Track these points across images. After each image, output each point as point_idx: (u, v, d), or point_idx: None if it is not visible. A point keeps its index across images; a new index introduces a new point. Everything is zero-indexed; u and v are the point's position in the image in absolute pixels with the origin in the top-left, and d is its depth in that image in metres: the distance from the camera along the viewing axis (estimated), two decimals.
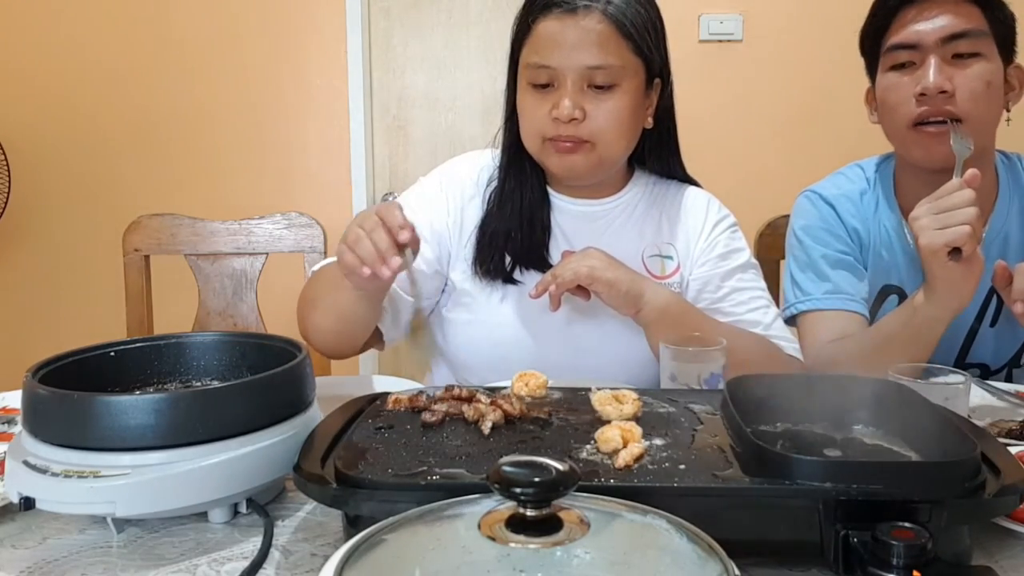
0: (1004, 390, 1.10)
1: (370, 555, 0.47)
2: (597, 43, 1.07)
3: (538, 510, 0.47)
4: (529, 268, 1.19)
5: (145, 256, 1.68)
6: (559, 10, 1.08)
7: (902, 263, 1.26)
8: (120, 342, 0.85)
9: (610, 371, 1.12)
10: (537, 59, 1.10)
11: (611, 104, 1.10)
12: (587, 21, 1.07)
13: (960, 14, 1.13)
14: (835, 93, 2.57)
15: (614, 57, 1.08)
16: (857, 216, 1.29)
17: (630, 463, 0.67)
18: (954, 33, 1.13)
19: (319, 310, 1.11)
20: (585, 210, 1.23)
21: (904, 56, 1.17)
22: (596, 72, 1.08)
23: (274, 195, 2.81)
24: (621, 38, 1.09)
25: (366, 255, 0.91)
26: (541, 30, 1.10)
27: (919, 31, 1.14)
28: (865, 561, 0.56)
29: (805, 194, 1.35)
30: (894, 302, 1.27)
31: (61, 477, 0.65)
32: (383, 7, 2.78)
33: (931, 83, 1.12)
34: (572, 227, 1.22)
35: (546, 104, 1.10)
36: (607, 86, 1.09)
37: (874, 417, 0.76)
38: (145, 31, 2.77)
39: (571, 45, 1.07)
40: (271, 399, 0.73)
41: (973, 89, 1.13)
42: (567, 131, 1.10)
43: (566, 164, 1.13)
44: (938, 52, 1.13)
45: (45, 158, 2.84)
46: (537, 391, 0.86)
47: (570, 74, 1.08)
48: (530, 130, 1.14)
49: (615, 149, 1.14)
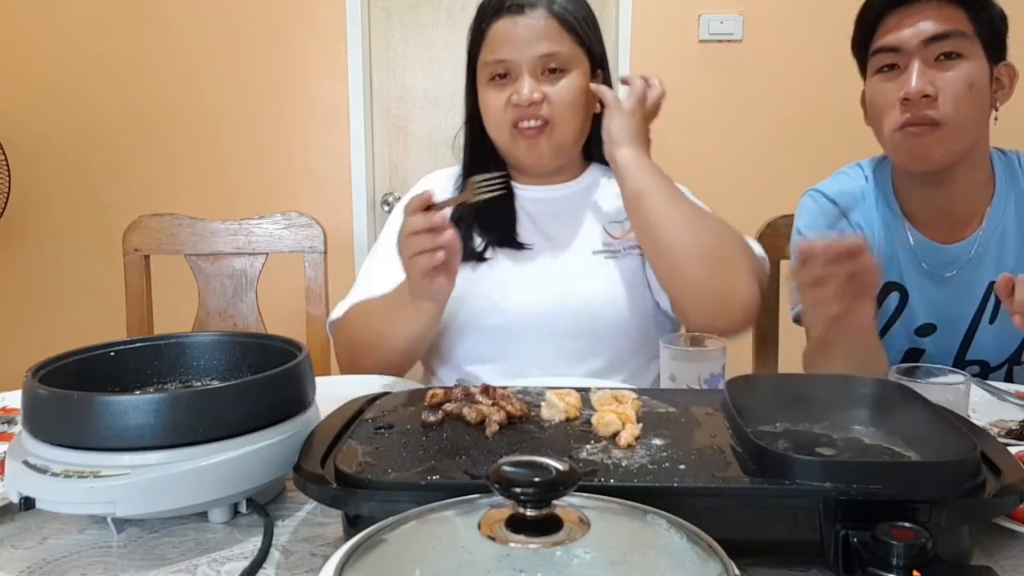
0: (1004, 390, 1.10)
1: (370, 555, 0.47)
2: (546, 35, 1.21)
3: (538, 510, 0.47)
4: (499, 248, 1.28)
5: (145, 256, 1.68)
6: (509, 12, 1.22)
7: (902, 260, 1.27)
8: (120, 342, 0.84)
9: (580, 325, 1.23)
10: (494, 56, 1.23)
11: (564, 84, 1.22)
12: (535, 18, 1.21)
13: (942, 16, 1.14)
14: (835, 93, 2.56)
15: (561, 46, 1.22)
16: (860, 212, 1.30)
17: (632, 442, 0.70)
18: (936, 34, 1.14)
19: (385, 346, 1.18)
20: (547, 195, 1.33)
21: (889, 59, 1.18)
22: (548, 59, 1.21)
23: (274, 195, 2.81)
24: (565, 31, 1.22)
25: (427, 244, 1.02)
26: (495, 31, 1.23)
27: (901, 34, 1.16)
28: (865, 561, 0.56)
29: (808, 193, 1.36)
30: (895, 299, 1.28)
31: (61, 477, 0.65)
32: (383, 7, 2.78)
33: (913, 88, 1.14)
34: (536, 211, 1.32)
35: (506, 94, 1.22)
36: (559, 71, 1.22)
37: (874, 417, 0.76)
38: (145, 31, 2.77)
39: (524, 39, 1.21)
40: (271, 399, 0.73)
41: (956, 92, 1.14)
42: (528, 113, 1.21)
43: (534, 150, 1.24)
44: (921, 55, 1.14)
45: (45, 158, 2.84)
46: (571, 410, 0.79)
47: (525, 64, 1.21)
48: (496, 121, 1.25)
49: (572, 127, 1.25)
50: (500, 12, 1.22)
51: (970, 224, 1.25)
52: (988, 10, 1.16)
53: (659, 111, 1.27)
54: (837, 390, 0.78)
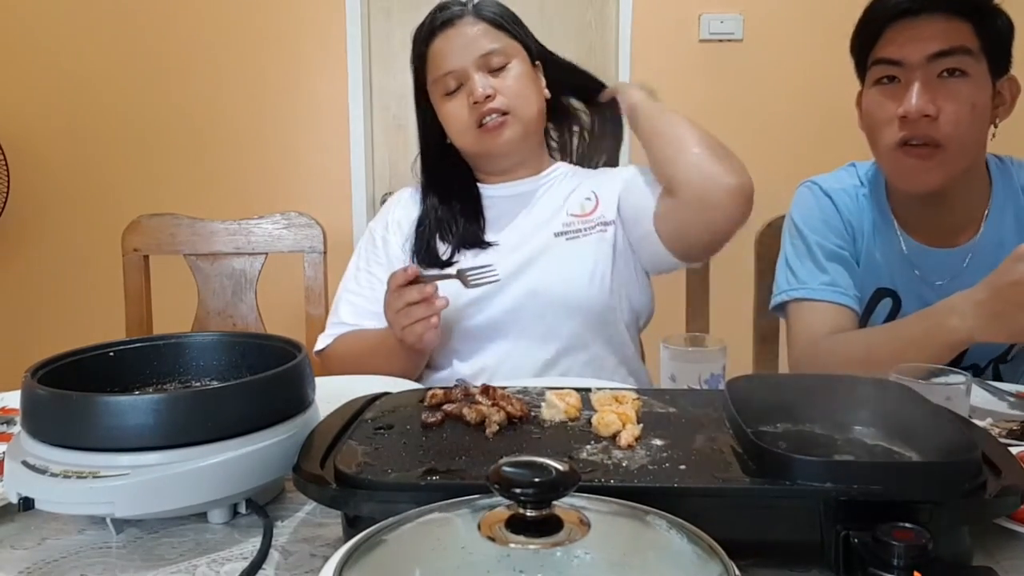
0: (1004, 390, 1.09)
1: (370, 555, 0.47)
2: (482, 35, 1.28)
3: (538, 510, 0.47)
4: (466, 249, 1.32)
5: (144, 256, 1.68)
6: (441, 28, 1.30)
7: (895, 266, 1.26)
8: (119, 342, 0.84)
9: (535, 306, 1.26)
10: (440, 71, 1.29)
11: (510, 74, 1.29)
12: (465, 25, 1.29)
13: (948, 31, 1.11)
14: (835, 93, 2.56)
15: (497, 42, 1.29)
16: (853, 211, 1.29)
17: (632, 443, 0.70)
18: (941, 51, 1.10)
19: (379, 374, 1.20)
20: (512, 191, 1.37)
21: (889, 71, 1.15)
22: (489, 57, 1.28)
23: (274, 195, 2.81)
24: (496, 29, 1.30)
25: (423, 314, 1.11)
26: (434, 50, 1.31)
27: (904, 49, 1.13)
28: (866, 562, 0.56)
29: (806, 184, 1.36)
30: (888, 305, 1.27)
31: (60, 477, 0.65)
32: (383, 7, 2.78)
33: (913, 107, 1.11)
34: (503, 208, 1.36)
35: (461, 101, 1.29)
36: (502, 66, 1.29)
37: (875, 417, 0.76)
38: (144, 31, 2.77)
39: (462, 47, 1.28)
40: (271, 399, 0.73)
41: (957, 112, 1.11)
42: (487, 108, 1.26)
43: (500, 141, 1.29)
44: (923, 71, 1.12)
45: (45, 158, 2.84)
46: (571, 410, 0.80)
47: (470, 67, 1.27)
48: (460, 129, 1.31)
49: (530, 110, 1.30)
50: (433, 32, 1.31)
51: (965, 231, 1.23)
52: (995, 22, 1.13)
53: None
54: (838, 390, 0.78)
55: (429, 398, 0.83)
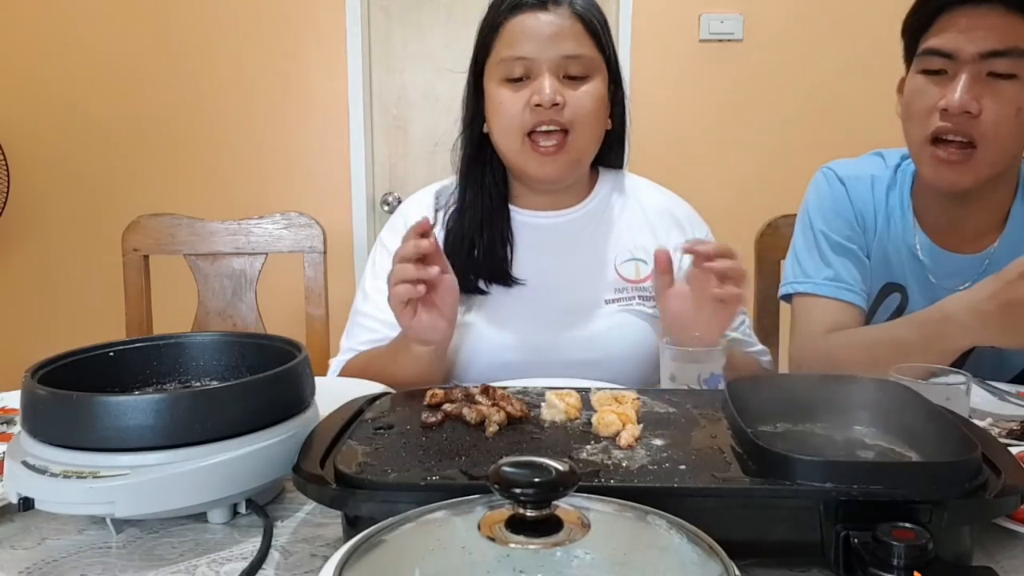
0: (1004, 390, 1.09)
1: (370, 555, 0.47)
2: (571, 35, 1.12)
3: (538, 510, 0.47)
4: (493, 283, 1.18)
5: (144, 256, 1.68)
6: (529, 7, 1.13)
7: (907, 264, 1.25)
8: (119, 342, 0.84)
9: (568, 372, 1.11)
10: (511, 52, 1.12)
11: (586, 90, 1.13)
12: (558, 15, 1.12)
13: (1005, 29, 1.05)
14: (835, 93, 2.58)
15: (585, 49, 1.13)
16: (867, 201, 1.27)
17: (632, 443, 0.70)
18: (994, 50, 1.05)
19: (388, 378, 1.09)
20: (548, 222, 1.23)
21: (938, 63, 1.10)
22: (571, 62, 1.12)
23: (274, 195, 2.81)
24: (588, 34, 1.14)
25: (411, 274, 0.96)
26: (513, 25, 1.13)
27: (957, 41, 1.07)
28: (866, 562, 0.56)
29: (822, 170, 1.33)
30: (896, 300, 1.26)
31: (60, 477, 0.65)
32: (383, 7, 2.78)
33: (956, 102, 1.06)
34: (535, 239, 1.22)
35: (523, 96, 1.12)
36: (581, 77, 1.13)
37: (875, 417, 0.76)
38: (144, 30, 2.77)
39: (547, 36, 1.11)
40: (271, 399, 0.73)
41: (1001, 114, 1.06)
42: (547, 116, 1.11)
43: (546, 167, 1.14)
44: (972, 67, 1.06)
45: (45, 158, 2.84)
46: (571, 410, 0.79)
47: (546, 63, 1.11)
48: (508, 126, 1.14)
49: (589, 138, 1.16)
50: (520, 6, 1.13)
51: (984, 236, 1.20)
52: None
53: None
54: (838, 390, 0.78)
55: (429, 398, 0.83)
